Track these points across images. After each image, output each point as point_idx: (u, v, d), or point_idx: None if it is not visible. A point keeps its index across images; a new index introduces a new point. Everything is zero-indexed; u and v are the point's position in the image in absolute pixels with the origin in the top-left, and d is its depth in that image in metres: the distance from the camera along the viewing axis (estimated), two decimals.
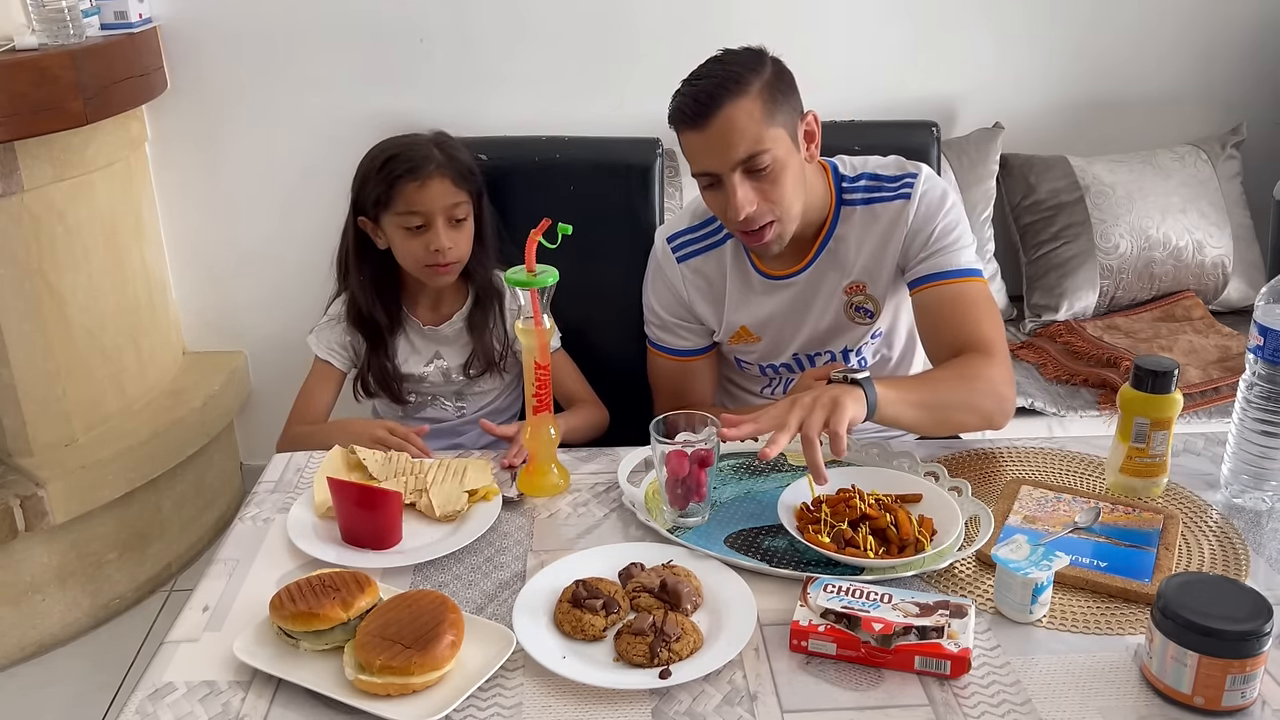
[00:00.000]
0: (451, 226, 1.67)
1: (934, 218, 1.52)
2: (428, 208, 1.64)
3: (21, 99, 1.98)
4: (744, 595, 1.15)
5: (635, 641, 1.07)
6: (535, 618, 1.13)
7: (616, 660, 1.08)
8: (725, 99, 1.39)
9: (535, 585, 1.18)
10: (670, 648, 1.06)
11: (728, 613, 1.13)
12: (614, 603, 1.13)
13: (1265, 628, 0.97)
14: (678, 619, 1.09)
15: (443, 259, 1.66)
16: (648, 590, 1.15)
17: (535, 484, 1.41)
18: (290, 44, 2.47)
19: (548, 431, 1.41)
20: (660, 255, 1.65)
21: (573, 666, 1.06)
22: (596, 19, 2.49)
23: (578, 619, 1.11)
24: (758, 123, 1.39)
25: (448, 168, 1.66)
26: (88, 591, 2.29)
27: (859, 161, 1.58)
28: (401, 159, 1.65)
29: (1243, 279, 2.54)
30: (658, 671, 1.04)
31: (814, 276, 1.58)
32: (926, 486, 1.33)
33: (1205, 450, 1.49)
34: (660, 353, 1.69)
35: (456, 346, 1.77)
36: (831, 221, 1.55)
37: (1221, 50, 2.64)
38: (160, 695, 1.04)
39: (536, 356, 1.37)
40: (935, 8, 2.54)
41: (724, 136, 1.40)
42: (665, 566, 1.20)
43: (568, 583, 1.16)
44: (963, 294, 1.51)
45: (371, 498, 1.27)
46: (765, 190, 1.44)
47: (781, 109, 1.42)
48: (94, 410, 2.33)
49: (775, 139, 1.41)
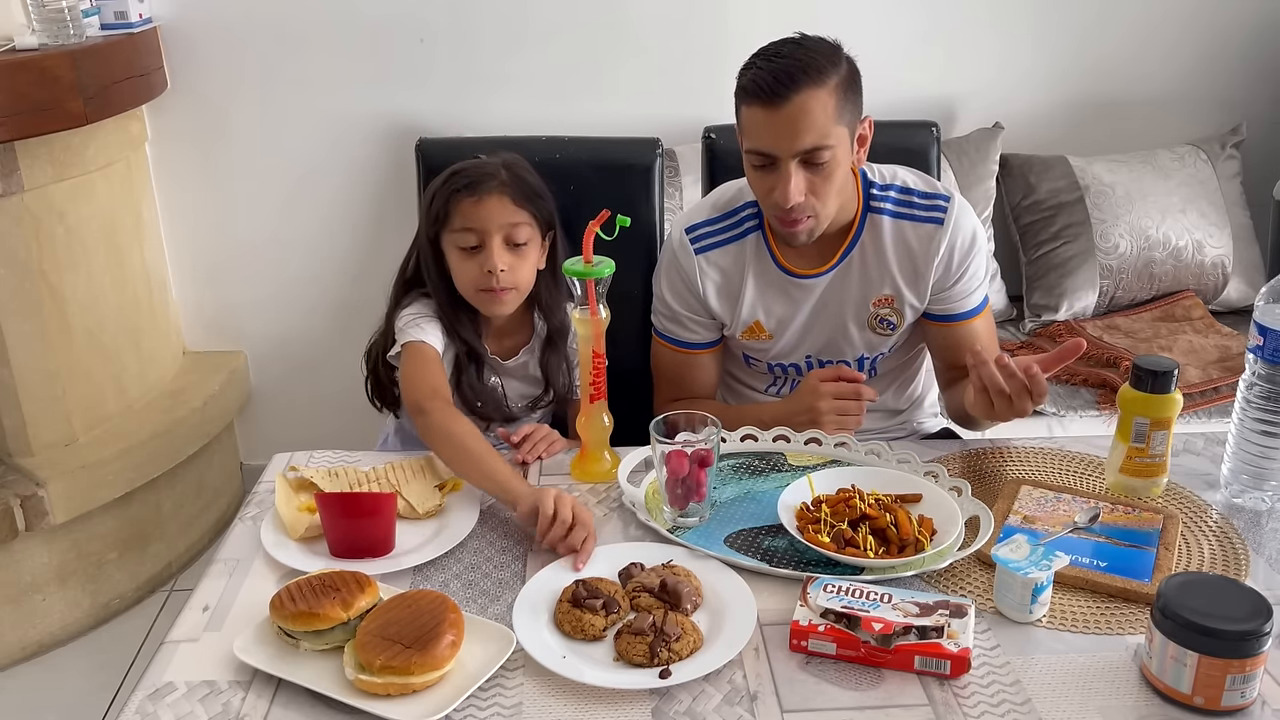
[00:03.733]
0: (509, 249, 1.57)
1: (966, 259, 1.56)
2: (483, 224, 1.55)
3: (21, 99, 1.98)
4: (744, 595, 1.15)
5: (635, 641, 1.07)
6: (535, 617, 1.13)
7: (617, 660, 1.08)
8: (805, 84, 1.37)
9: (535, 585, 1.18)
10: (670, 647, 1.06)
11: (728, 612, 1.13)
12: (614, 602, 1.13)
13: (1265, 628, 0.97)
14: (677, 619, 1.10)
15: (496, 282, 1.55)
16: (648, 590, 1.16)
17: (588, 470, 1.44)
18: (290, 44, 2.47)
19: (601, 420, 1.43)
20: (677, 246, 1.62)
21: (573, 666, 1.06)
22: (596, 19, 2.49)
23: (578, 619, 1.11)
24: (829, 117, 1.39)
25: (510, 186, 1.57)
26: (88, 591, 2.29)
27: (888, 171, 1.59)
28: (463, 174, 1.59)
29: (1242, 279, 2.54)
30: (658, 671, 1.04)
31: (836, 281, 1.58)
32: (927, 486, 1.33)
33: (1205, 450, 1.49)
34: (665, 343, 1.68)
35: (516, 377, 1.71)
36: (858, 227, 1.56)
37: (1221, 50, 2.64)
38: (160, 695, 1.04)
39: (593, 345, 1.39)
40: (935, 8, 2.54)
41: (794, 122, 1.38)
42: (665, 566, 1.20)
43: (568, 582, 1.16)
44: (975, 331, 1.61)
45: (366, 504, 1.26)
46: (815, 184, 1.44)
47: (849, 108, 1.43)
48: (94, 410, 2.33)
49: (839, 137, 1.42)
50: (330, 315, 2.69)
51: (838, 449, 1.46)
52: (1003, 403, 1.34)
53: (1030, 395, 1.32)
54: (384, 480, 1.38)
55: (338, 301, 2.68)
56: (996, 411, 1.36)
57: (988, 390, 1.34)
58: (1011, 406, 1.34)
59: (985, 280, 1.61)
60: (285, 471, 1.41)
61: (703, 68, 2.50)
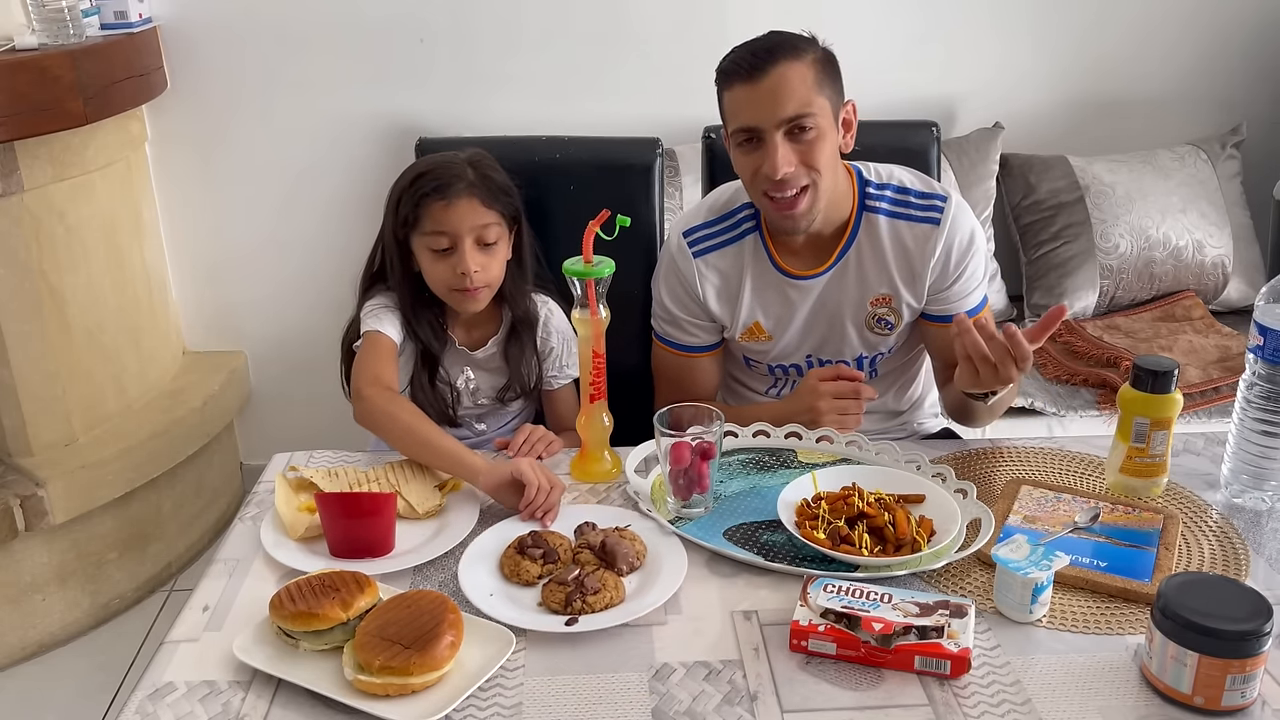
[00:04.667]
0: (480, 249, 1.59)
1: (963, 260, 1.55)
2: (454, 228, 1.56)
3: (21, 99, 1.98)
4: (678, 569, 1.20)
5: (557, 590, 1.15)
6: (482, 560, 1.23)
7: (540, 605, 1.15)
8: (782, 57, 1.42)
9: (492, 534, 1.28)
10: (586, 600, 1.13)
11: (657, 581, 1.18)
12: (554, 553, 1.22)
13: (1265, 628, 0.97)
14: (603, 576, 1.16)
15: (470, 283, 1.57)
16: (590, 547, 1.23)
17: (588, 470, 1.44)
18: (290, 44, 2.47)
19: (601, 420, 1.44)
20: (675, 250, 1.62)
21: (494, 604, 1.14)
22: (596, 19, 2.49)
23: (516, 563, 1.21)
24: (809, 86, 1.42)
25: (478, 187, 1.59)
26: (88, 591, 2.29)
27: (885, 170, 1.59)
28: (430, 177, 1.59)
29: (1242, 279, 2.54)
30: (565, 619, 1.11)
31: (833, 282, 1.58)
32: (930, 487, 1.32)
33: (1205, 450, 1.49)
34: (665, 346, 1.68)
35: (488, 370, 1.72)
36: (854, 227, 1.56)
37: (1221, 50, 2.64)
38: (160, 695, 1.04)
39: (593, 345, 1.39)
40: (935, 7, 2.54)
41: (774, 92, 1.41)
42: (616, 529, 1.26)
43: (523, 533, 1.25)
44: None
45: (366, 504, 1.27)
46: (804, 153, 1.44)
47: (829, 85, 1.46)
48: (94, 410, 2.33)
49: (821, 107, 1.44)
50: (330, 315, 2.67)
51: (848, 447, 1.46)
52: (988, 370, 1.31)
53: (1014, 361, 1.30)
54: (384, 480, 1.38)
55: (338, 301, 2.66)
56: (983, 379, 1.33)
57: (972, 358, 1.32)
58: (997, 374, 1.31)
59: (984, 280, 1.61)
60: (285, 471, 1.41)
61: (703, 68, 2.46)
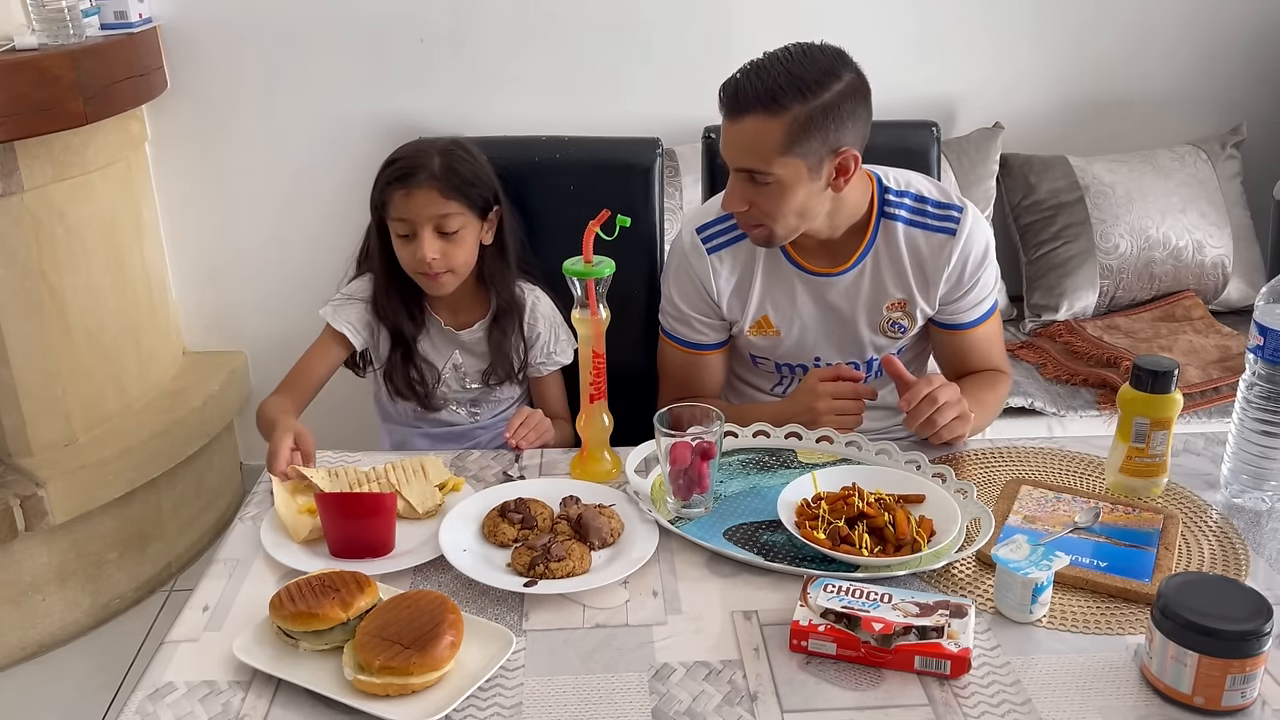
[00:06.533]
0: (440, 238, 1.62)
1: (977, 271, 1.57)
2: (413, 216, 1.60)
3: (21, 99, 1.98)
4: (645, 551, 1.22)
5: (525, 553, 1.20)
6: (465, 521, 1.29)
7: (508, 566, 1.21)
8: (754, 111, 1.39)
9: (481, 497, 1.33)
10: (549, 565, 1.18)
11: (623, 561, 1.21)
12: (532, 520, 1.27)
13: (1265, 628, 0.97)
14: (571, 546, 1.20)
15: (429, 269, 1.62)
16: (567, 519, 1.27)
17: (588, 470, 1.44)
18: (290, 44, 2.47)
19: (601, 420, 1.44)
20: (688, 247, 1.62)
21: (464, 559, 1.20)
22: (597, 19, 2.49)
23: (495, 525, 1.27)
24: (773, 148, 1.40)
25: (440, 179, 1.61)
26: (88, 591, 2.29)
27: (903, 177, 1.59)
28: (397, 165, 1.63)
29: (1243, 279, 2.54)
30: (524, 581, 1.17)
31: (850, 285, 1.58)
32: (930, 488, 1.32)
33: (1205, 450, 1.49)
34: (673, 342, 1.68)
35: (475, 353, 1.75)
36: (873, 232, 1.56)
37: (1221, 50, 2.64)
38: (160, 695, 1.04)
39: (593, 345, 1.40)
40: (935, 7, 2.54)
41: (735, 142, 1.44)
42: (599, 506, 1.30)
43: (509, 499, 1.30)
44: (985, 336, 1.64)
45: (366, 504, 1.26)
46: (757, 199, 1.46)
47: (809, 140, 1.40)
48: (94, 410, 2.33)
49: (785, 165, 1.41)
50: None
51: (848, 448, 1.46)
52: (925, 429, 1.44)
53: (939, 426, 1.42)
54: (384, 480, 1.38)
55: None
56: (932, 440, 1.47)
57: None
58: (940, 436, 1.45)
59: (995, 289, 1.63)
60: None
61: (704, 67, 2.47)
